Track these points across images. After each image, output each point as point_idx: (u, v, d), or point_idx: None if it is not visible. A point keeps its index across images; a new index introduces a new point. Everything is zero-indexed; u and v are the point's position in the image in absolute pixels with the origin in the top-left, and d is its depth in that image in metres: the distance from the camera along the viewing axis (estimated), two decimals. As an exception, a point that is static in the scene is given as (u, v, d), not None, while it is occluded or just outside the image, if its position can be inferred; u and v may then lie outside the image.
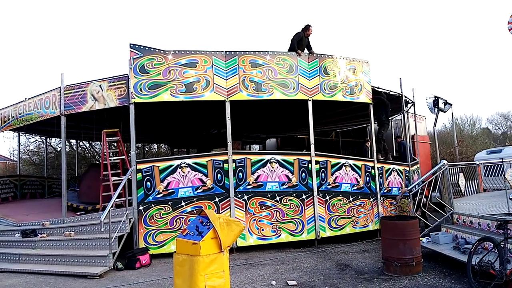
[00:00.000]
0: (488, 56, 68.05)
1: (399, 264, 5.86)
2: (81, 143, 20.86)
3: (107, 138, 8.76)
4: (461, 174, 11.75)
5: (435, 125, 10.93)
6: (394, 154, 12.72)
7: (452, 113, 21.87)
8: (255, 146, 20.53)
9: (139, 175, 7.82)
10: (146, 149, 23.37)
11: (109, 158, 8.68)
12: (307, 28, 9.52)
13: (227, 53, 8.35)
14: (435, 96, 9.68)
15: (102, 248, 7.23)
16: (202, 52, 8.25)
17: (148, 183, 7.85)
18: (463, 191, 11.74)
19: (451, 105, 10.37)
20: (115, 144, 10.73)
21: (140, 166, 7.87)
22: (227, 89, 8.25)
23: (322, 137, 17.75)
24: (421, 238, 7.21)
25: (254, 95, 8.38)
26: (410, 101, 12.11)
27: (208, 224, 3.80)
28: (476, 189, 11.62)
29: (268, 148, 18.95)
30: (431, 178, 8.42)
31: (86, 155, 22.43)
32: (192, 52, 8.20)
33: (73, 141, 19.37)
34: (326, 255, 7.60)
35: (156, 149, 24.50)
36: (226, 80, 8.28)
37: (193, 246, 3.69)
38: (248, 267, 6.84)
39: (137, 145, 22.05)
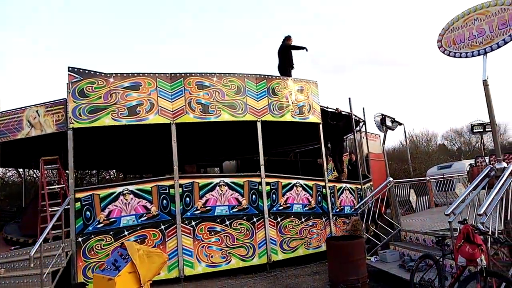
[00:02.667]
0: (441, 74, 71.72)
1: (345, 285, 5.72)
2: (31, 171, 19.83)
3: (45, 166, 8.26)
4: (411, 190, 12.01)
5: (383, 143, 11.16)
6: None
7: (404, 131, 22.78)
8: (216, 169, 20.27)
9: (78, 204, 7.37)
10: (102, 175, 22.58)
11: (46, 187, 8.15)
12: (288, 38, 9.86)
13: (172, 75, 8.19)
14: (382, 115, 9.91)
15: (34, 285, 6.67)
16: (146, 75, 8.03)
17: (88, 212, 7.40)
18: (414, 207, 11.99)
19: (399, 123, 10.64)
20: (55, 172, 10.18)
21: (79, 195, 7.43)
22: (172, 111, 8.04)
23: (281, 158, 17.72)
24: (369, 257, 7.19)
25: (202, 117, 8.21)
26: (361, 120, 12.36)
27: (127, 257, 3.52)
28: (427, 204, 11.87)
29: (228, 170, 18.71)
30: (379, 195, 8.46)
31: (37, 183, 21.30)
32: (135, 74, 7.97)
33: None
34: (276, 280, 7.38)
35: (114, 176, 23.69)
36: (172, 102, 8.08)
37: (109, 282, 3.39)
38: (193, 298, 6.50)
39: (91, 171, 21.38)
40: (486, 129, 13.13)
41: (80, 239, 7.27)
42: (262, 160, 8.67)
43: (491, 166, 4.89)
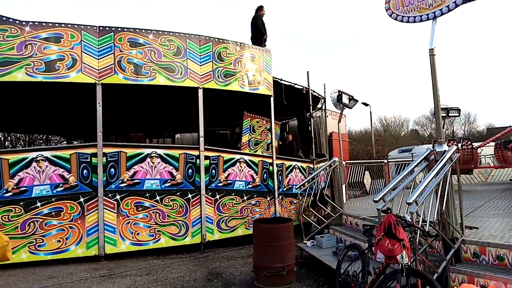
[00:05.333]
0: (416, 60, 71.91)
1: (268, 273, 5.11)
2: None
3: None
4: (366, 172, 11.55)
5: (339, 121, 10.54)
6: (318, 152, 12.29)
7: (370, 112, 22.42)
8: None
9: (-19, 169, 6.43)
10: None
11: None
12: (260, 9, 9.34)
13: (101, 28, 7.18)
14: (339, 91, 9.20)
15: None
16: (69, 26, 7.00)
17: None
18: (368, 189, 11.56)
19: (356, 101, 9.96)
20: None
21: (-18, 159, 6.47)
22: (98, 70, 7.08)
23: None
24: (305, 241, 6.63)
25: (133, 79, 7.29)
26: (321, 97, 11.69)
27: None
28: (383, 187, 11.44)
29: (187, 143, 17.80)
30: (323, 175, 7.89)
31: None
32: (56, 24, 6.93)
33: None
34: (205, 262, 6.73)
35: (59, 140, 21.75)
36: (98, 59, 7.11)
37: None
38: (104, 280, 5.76)
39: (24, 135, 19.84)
40: (449, 114, 12.67)
41: (-18, 209, 6.37)
42: (201, 131, 7.88)
43: (431, 148, 4.30)
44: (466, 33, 66.32)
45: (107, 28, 7.21)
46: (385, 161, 12.11)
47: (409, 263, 3.31)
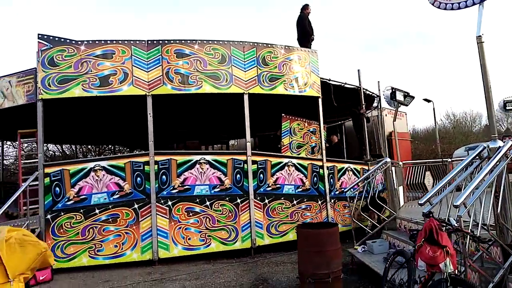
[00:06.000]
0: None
1: (313, 280, 4.95)
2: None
3: (22, 139, 7.97)
4: (427, 173, 10.82)
5: (394, 120, 10.00)
6: (378, 152, 11.88)
7: (434, 109, 21.03)
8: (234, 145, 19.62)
9: (47, 179, 7.00)
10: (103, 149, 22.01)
11: (21, 161, 7.87)
12: (306, 7, 9.42)
13: (149, 42, 7.51)
14: (392, 88, 8.78)
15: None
16: (120, 42, 7.41)
17: (57, 188, 7.02)
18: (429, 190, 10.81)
19: (413, 97, 9.43)
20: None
21: (48, 170, 7.05)
22: (148, 82, 7.41)
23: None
24: (356, 247, 6.36)
25: (180, 88, 7.53)
26: (375, 96, 11.23)
27: (-5, 245, 2.96)
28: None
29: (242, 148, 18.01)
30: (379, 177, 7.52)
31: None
32: (108, 41, 7.37)
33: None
34: (254, 267, 6.72)
35: (113, 150, 22.83)
36: (148, 72, 7.44)
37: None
38: (155, 284, 5.97)
39: (82, 146, 21.15)
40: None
41: (49, 216, 6.92)
42: (248, 137, 7.93)
43: (484, 145, 3.88)
44: (546, 16, 59.91)
45: (155, 42, 7.52)
46: (449, 160, 11.26)
47: (455, 272, 3.01)
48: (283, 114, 8.85)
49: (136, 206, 7.18)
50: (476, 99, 60.38)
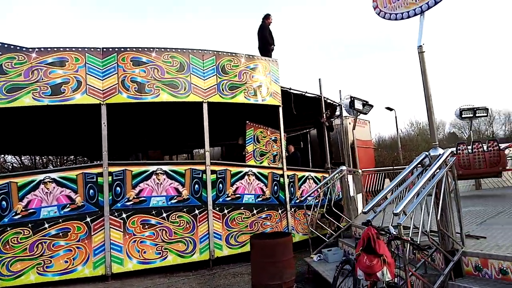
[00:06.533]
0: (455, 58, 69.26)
1: (266, 292, 4.89)
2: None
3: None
4: (387, 180, 11.05)
5: (354, 128, 10.18)
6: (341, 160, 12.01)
7: (396, 117, 21.63)
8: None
9: (-8, 193, 6.64)
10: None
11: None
12: (267, 17, 9.37)
13: (104, 49, 7.32)
14: (351, 97, 8.93)
15: None
16: (74, 49, 7.18)
17: (4, 202, 6.65)
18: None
19: (371, 106, 9.62)
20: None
21: (-7, 183, 6.68)
22: (103, 90, 7.20)
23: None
24: (312, 256, 6.35)
25: (136, 97, 7.36)
26: (336, 104, 11.38)
27: None
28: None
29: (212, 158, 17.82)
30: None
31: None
32: (61, 49, 7.13)
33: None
34: (210, 279, 6.58)
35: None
36: (102, 80, 7.23)
37: None
38: (106, 300, 5.73)
39: (50, 157, 20.44)
40: (477, 114, 11.99)
41: (-7, 232, 6.55)
42: (207, 146, 7.81)
43: (426, 153, 3.97)
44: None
45: (110, 49, 7.34)
46: (406, 167, 11.51)
47: (394, 280, 3.02)
48: (247, 122, 8.82)
49: (88, 219, 6.90)
50: (439, 107, 62.59)
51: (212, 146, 17.92)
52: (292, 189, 8.74)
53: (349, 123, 14.47)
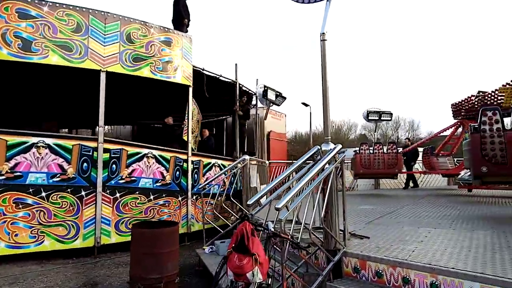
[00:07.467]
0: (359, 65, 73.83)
1: (143, 286, 4.41)
2: None
3: None
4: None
5: (265, 118, 10.07)
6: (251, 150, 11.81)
7: (310, 113, 22.33)
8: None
9: None
10: None
11: None
12: None
13: (-18, -5, 6.13)
14: (265, 86, 8.71)
15: None
16: None
17: None
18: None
19: (284, 98, 9.51)
20: None
21: None
22: (-25, 43, 6.04)
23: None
24: (204, 247, 6.00)
25: (20, 55, 6.30)
26: (252, 93, 11.15)
27: None
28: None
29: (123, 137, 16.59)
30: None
31: None
32: None
33: None
34: (90, 269, 5.91)
35: None
36: (-24, 31, 6.06)
37: None
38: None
39: None
40: (382, 118, 12.59)
41: None
42: (101, 120, 6.98)
43: (318, 147, 3.81)
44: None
45: (-10, -4, 6.18)
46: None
47: (268, 282, 2.75)
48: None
49: None
50: (354, 109, 66.62)
51: (121, 124, 16.79)
52: (196, 175, 8.30)
53: (267, 114, 14.45)
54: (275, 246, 3.40)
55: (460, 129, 10.64)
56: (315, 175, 3.31)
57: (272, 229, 2.94)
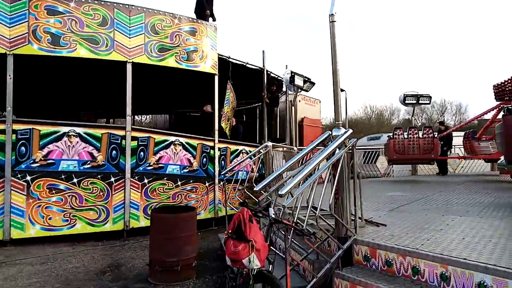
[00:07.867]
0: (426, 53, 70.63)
1: (161, 268, 4.58)
2: None
3: None
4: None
5: (293, 105, 9.92)
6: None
7: (346, 98, 21.71)
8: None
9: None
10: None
11: None
12: None
13: (14, -7, 6.47)
14: (292, 72, 8.59)
15: None
16: (-24, -11, 6.29)
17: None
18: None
19: (313, 83, 9.35)
20: None
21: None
22: (10, 39, 6.40)
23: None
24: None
25: (49, 50, 6.62)
26: (281, 79, 11.02)
27: None
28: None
29: (159, 127, 17.08)
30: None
31: None
32: (-40, -14, 6.22)
33: None
34: (117, 251, 6.19)
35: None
36: (10, 28, 6.42)
37: None
38: (-10, 269, 5.21)
39: None
40: (420, 101, 12.06)
41: None
42: (129, 110, 7.24)
43: (329, 132, 3.70)
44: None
45: (21, -7, 6.50)
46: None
47: (269, 268, 2.76)
48: (229, 81, 8.60)
49: (-16, 180, 6.24)
50: (397, 93, 64.00)
51: (157, 113, 17.25)
52: (223, 162, 8.41)
53: (299, 101, 14.27)
54: (281, 232, 3.39)
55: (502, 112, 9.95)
56: (323, 160, 3.23)
57: (273, 215, 2.92)
